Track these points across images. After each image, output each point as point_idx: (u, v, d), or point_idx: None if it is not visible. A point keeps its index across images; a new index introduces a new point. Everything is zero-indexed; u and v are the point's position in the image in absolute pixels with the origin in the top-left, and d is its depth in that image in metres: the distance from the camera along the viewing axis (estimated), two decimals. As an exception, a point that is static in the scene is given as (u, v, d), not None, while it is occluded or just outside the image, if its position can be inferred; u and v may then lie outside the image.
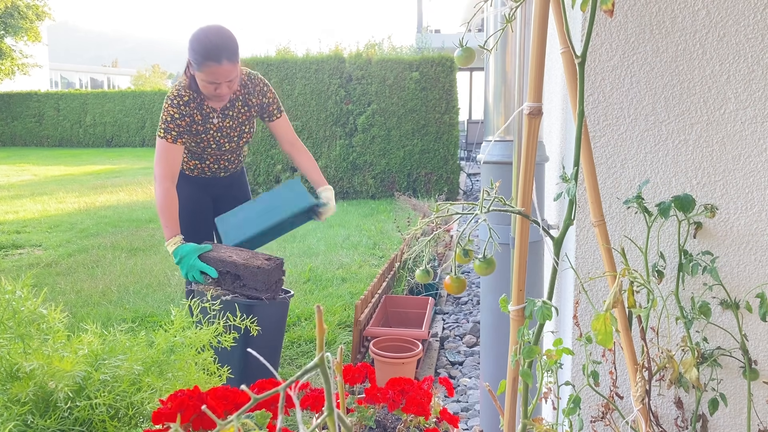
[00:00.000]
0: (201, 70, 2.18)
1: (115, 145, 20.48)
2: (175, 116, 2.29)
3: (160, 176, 2.31)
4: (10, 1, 21.79)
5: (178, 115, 2.29)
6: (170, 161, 2.32)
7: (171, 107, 2.29)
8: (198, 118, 2.34)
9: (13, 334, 1.27)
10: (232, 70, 2.21)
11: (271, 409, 0.93)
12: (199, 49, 2.16)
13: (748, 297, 1.27)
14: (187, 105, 2.30)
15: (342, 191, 8.53)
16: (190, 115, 2.31)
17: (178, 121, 2.29)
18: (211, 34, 2.19)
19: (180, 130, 2.31)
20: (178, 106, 2.29)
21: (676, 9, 1.22)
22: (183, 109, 2.29)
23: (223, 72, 2.18)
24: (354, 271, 4.54)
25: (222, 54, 2.16)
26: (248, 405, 0.55)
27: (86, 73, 47.12)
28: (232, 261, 2.19)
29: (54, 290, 3.99)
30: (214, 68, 2.17)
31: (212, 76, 2.18)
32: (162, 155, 2.31)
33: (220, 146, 2.45)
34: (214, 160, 2.50)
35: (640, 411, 1.12)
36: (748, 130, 1.23)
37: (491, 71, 1.68)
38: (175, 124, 2.29)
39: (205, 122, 2.36)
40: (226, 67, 2.18)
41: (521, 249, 1.05)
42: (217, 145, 2.44)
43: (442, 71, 8.33)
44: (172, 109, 2.29)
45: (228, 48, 2.19)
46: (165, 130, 2.29)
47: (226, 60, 2.17)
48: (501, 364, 1.70)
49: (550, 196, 1.68)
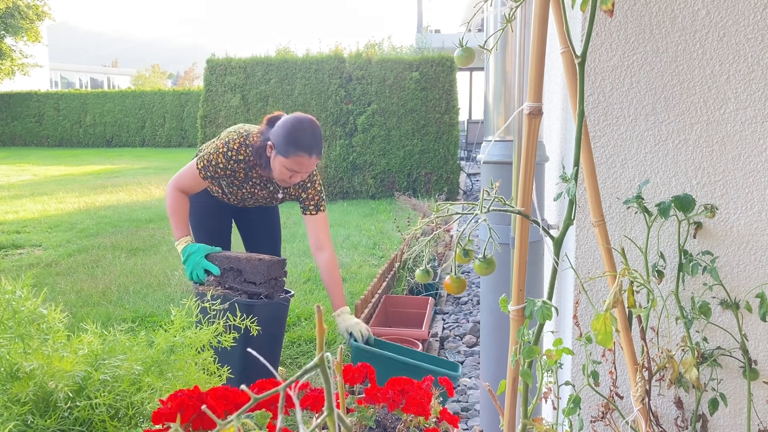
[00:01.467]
0: (288, 157, 2.16)
1: (115, 145, 20.49)
2: (220, 165, 2.28)
3: (174, 187, 2.34)
4: (10, 1, 21.78)
5: (222, 166, 2.28)
6: (191, 187, 2.35)
7: (222, 156, 2.27)
8: (240, 175, 2.33)
9: (13, 334, 1.27)
10: (313, 164, 2.24)
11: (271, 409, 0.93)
12: (293, 138, 2.16)
13: (748, 297, 1.27)
14: (237, 163, 2.28)
15: (342, 191, 8.53)
16: (234, 170, 2.31)
17: (219, 170, 2.29)
18: (311, 126, 2.21)
19: (216, 176, 2.32)
20: (229, 159, 2.27)
21: (676, 9, 1.22)
22: (231, 165, 2.28)
23: (308, 165, 2.20)
24: (354, 271, 4.54)
25: (314, 148, 2.18)
26: (248, 405, 0.55)
27: (86, 73, 47.12)
28: (236, 257, 2.25)
29: (54, 290, 3.99)
30: (304, 160, 2.17)
31: (297, 166, 2.18)
32: (187, 178, 2.33)
33: (244, 200, 2.47)
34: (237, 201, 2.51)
35: (640, 411, 1.12)
36: (748, 130, 1.23)
37: (491, 71, 1.68)
38: (216, 170, 2.29)
39: (244, 181, 2.36)
40: (313, 161, 2.21)
41: (521, 249, 1.05)
42: (242, 199, 2.45)
43: (442, 71, 8.33)
44: (223, 158, 2.27)
45: (320, 143, 2.22)
46: (204, 168, 2.29)
47: (316, 155, 2.20)
48: (501, 364, 1.70)
49: (550, 196, 1.68)
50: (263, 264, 2.20)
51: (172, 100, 20.33)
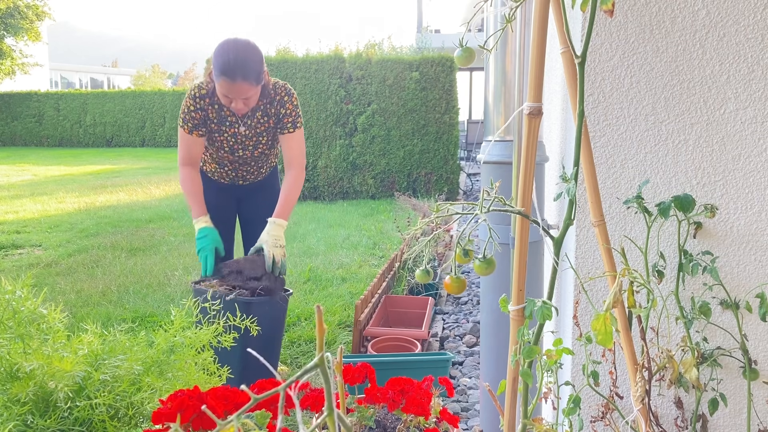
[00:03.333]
0: (217, 82, 2.17)
1: (115, 145, 20.48)
2: (190, 108, 2.30)
3: (180, 162, 2.38)
4: (10, 1, 21.78)
5: (193, 108, 2.30)
6: (189, 149, 2.36)
7: (188, 98, 2.31)
8: (213, 116, 2.33)
9: (13, 334, 1.27)
10: (247, 90, 2.17)
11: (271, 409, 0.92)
12: (217, 62, 2.13)
13: (748, 297, 1.27)
14: (202, 99, 2.29)
15: (342, 191, 8.53)
16: (204, 109, 2.31)
17: (193, 114, 2.30)
18: (233, 49, 2.14)
19: (195, 123, 2.31)
20: (194, 98, 2.30)
21: (676, 9, 1.22)
22: (198, 102, 2.29)
23: (237, 90, 2.15)
24: (354, 271, 4.54)
25: (237, 73, 2.12)
26: (248, 405, 0.55)
27: (86, 73, 47.13)
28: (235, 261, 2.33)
29: (54, 290, 3.99)
30: (228, 84, 2.14)
31: (225, 90, 2.16)
32: (181, 143, 2.37)
33: (233, 151, 2.42)
34: (232, 168, 2.49)
35: (640, 411, 1.12)
36: (748, 130, 1.23)
37: (491, 71, 1.68)
38: (191, 116, 2.30)
39: (220, 123, 2.35)
40: (240, 86, 2.14)
41: (521, 249, 1.05)
42: (231, 149, 2.41)
43: (442, 71, 8.32)
44: (189, 100, 2.31)
45: (247, 67, 2.14)
46: (183, 120, 2.33)
47: (241, 79, 2.13)
48: (501, 364, 1.70)
49: (550, 196, 1.68)
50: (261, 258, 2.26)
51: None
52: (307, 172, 8.45)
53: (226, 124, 2.36)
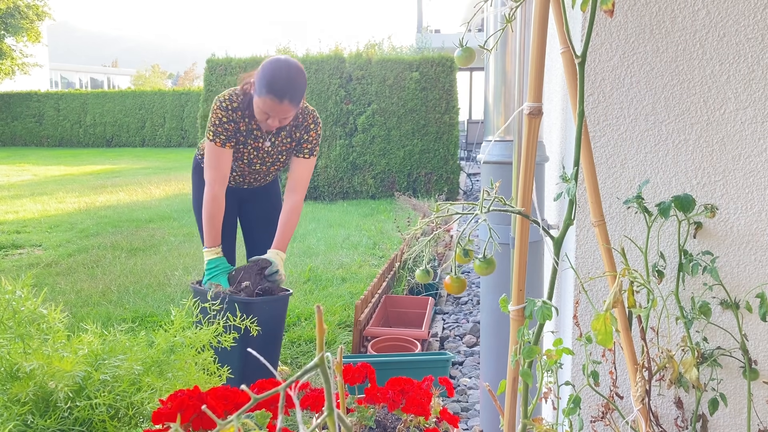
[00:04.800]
0: (260, 97, 2.18)
1: (115, 145, 20.49)
2: (223, 120, 2.27)
3: (211, 180, 2.31)
4: (10, 1, 21.78)
5: (226, 119, 2.27)
6: (221, 165, 2.31)
7: (219, 110, 2.27)
8: (242, 128, 2.32)
9: (13, 334, 1.27)
10: (288, 111, 2.21)
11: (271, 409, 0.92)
12: (267, 79, 2.15)
13: (748, 297, 1.27)
14: (234, 111, 2.28)
15: (342, 191, 8.53)
16: (236, 122, 2.30)
17: (226, 125, 2.28)
18: (285, 69, 2.18)
19: (228, 134, 2.29)
20: (226, 110, 2.27)
21: (676, 9, 1.22)
22: (230, 114, 2.28)
23: (279, 110, 2.18)
24: (354, 271, 4.54)
25: (286, 94, 2.16)
26: (248, 405, 0.55)
27: (86, 73, 47.12)
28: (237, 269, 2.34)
29: (54, 290, 3.99)
30: (273, 104, 2.16)
31: (268, 109, 2.18)
32: (213, 159, 2.30)
33: (252, 164, 2.44)
34: (240, 174, 2.49)
35: (640, 411, 1.12)
36: (748, 130, 1.23)
37: (491, 71, 1.68)
38: (223, 128, 2.28)
39: (247, 136, 2.35)
40: (284, 107, 2.18)
41: (521, 249, 1.05)
42: (249, 162, 2.42)
43: (442, 71, 8.32)
44: (221, 111, 2.27)
45: (295, 90, 2.18)
46: (214, 134, 2.28)
47: (288, 101, 2.17)
48: (501, 364, 1.70)
49: (550, 196, 1.68)
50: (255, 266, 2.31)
51: (172, 100, 20.33)
52: (307, 172, 8.45)
53: (252, 137, 2.36)
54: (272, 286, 2.26)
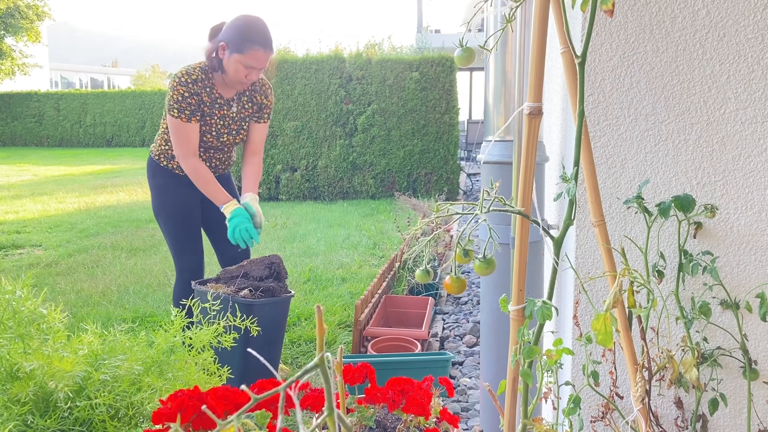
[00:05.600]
0: (244, 52, 2.24)
1: (115, 145, 20.48)
2: (185, 95, 2.30)
3: (183, 156, 2.34)
4: (10, 1, 21.78)
5: (188, 94, 2.30)
6: (189, 139, 2.34)
7: (180, 86, 2.30)
8: (206, 98, 2.36)
9: (13, 334, 1.27)
10: (268, 59, 2.32)
11: (271, 409, 0.92)
12: (248, 33, 2.26)
13: (748, 297, 1.27)
14: (195, 83, 2.32)
15: (342, 191, 8.53)
16: (198, 93, 2.33)
17: (189, 100, 2.31)
18: (260, 22, 2.31)
19: (192, 109, 2.32)
20: (186, 84, 2.30)
21: (676, 9, 1.22)
22: (191, 87, 2.31)
23: (263, 58, 2.29)
24: (354, 271, 4.54)
25: (268, 42, 2.29)
26: (248, 405, 0.55)
27: (86, 73, 47.12)
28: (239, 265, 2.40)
29: (54, 290, 3.99)
30: (259, 53, 2.26)
31: (253, 60, 2.26)
32: (181, 136, 2.32)
33: (219, 136, 2.45)
34: (207, 156, 2.49)
35: (640, 411, 1.12)
36: (748, 130, 1.23)
37: (491, 71, 1.68)
38: (186, 103, 2.30)
39: (212, 106, 2.39)
40: (267, 55, 2.30)
41: (521, 249, 1.05)
42: (218, 134, 2.44)
43: (442, 71, 8.32)
44: (181, 87, 2.30)
45: (271, 38, 2.32)
46: (178, 110, 2.30)
47: (270, 49, 2.30)
48: (501, 364, 1.70)
49: (550, 196, 1.68)
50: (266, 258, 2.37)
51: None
52: (307, 172, 8.46)
53: (217, 106, 2.40)
54: (274, 286, 2.26)
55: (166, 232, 2.50)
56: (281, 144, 8.41)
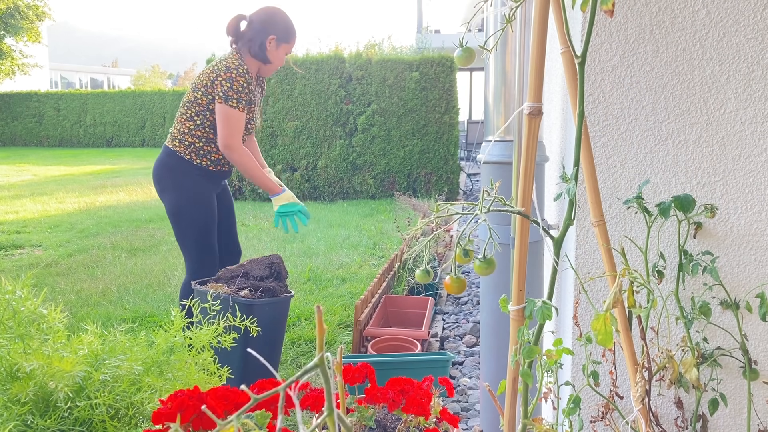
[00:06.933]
0: (289, 42, 2.47)
1: (115, 145, 20.48)
2: (244, 85, 2.38)
3: (235, 146, 2.37)
4: (10, 2, 21.78)
5: (245, 83, 2.38)
6: (240, 130, 2.41)
7: (240, 77, 2.36)
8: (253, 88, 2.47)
9: (13, 334, 1.27)
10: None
11: (271, 409, 0.92)
12: (290, 24, 2.47)
13: (748, 297, 1.27)
14: (247, 73, 2.41)
15: (342, 191, 8.53)
16: (250, 83, 2.43)
17: (246, 89, 2.39)
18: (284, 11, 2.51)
19: (248, 99, 2.41)
20: (244, 75, 2.38)
21: (676, 9, 1.22)
22: (247, 78, 2.40)
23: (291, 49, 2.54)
24: (354, 271, 4.54)
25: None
26: (248, 405, 0.55)
27: (86, 73, 47.11)
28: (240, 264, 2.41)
29: (54, 290, 3.99)
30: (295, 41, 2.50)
31: (288, 51, 2.49)
32: (235, 126, 2.37)
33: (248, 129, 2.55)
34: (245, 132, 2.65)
35: (640, 411, 1.12)
36: (748, 130, 1.23)
37: (491, 71, 1.68)
38: (245, 93, 2.38)
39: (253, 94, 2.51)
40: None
41: (521, 249, 1.05)
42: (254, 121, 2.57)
43: (442, 71, 8.32)
44: (241, 78, 2.36)
45: None
46: (237, 100, 2.35)
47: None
48: (501, 364, 1.70)
49: (550, 196, 1.68)
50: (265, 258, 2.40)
51: (172, 100, 20.32)
52: (307, 172, 8.46)
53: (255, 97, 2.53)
54: (274, 286, 2.27)
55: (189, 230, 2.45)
56: (281, 144, 8.41)
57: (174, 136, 2.46)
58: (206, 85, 2.36)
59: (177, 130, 2.45)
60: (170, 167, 2.46)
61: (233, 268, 2.37)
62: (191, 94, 2.40)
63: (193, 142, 2.43)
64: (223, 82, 2.32)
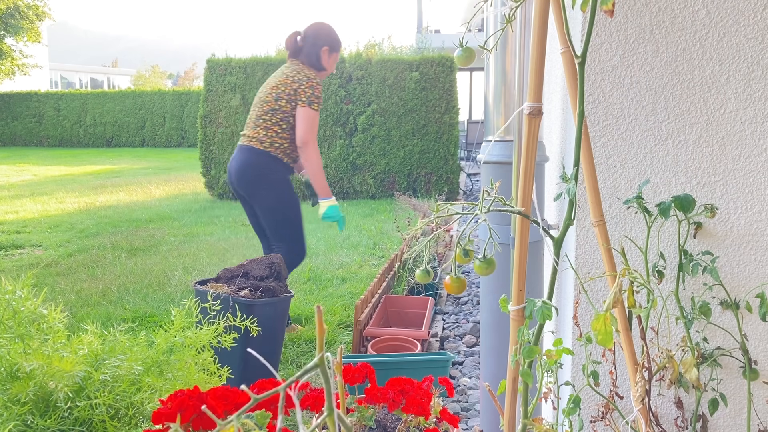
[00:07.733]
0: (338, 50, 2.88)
1: (115, 145, 20.48)
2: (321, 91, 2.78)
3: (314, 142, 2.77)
4: (10, 1, 21.77)
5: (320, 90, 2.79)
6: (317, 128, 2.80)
7: (318, 84, 2.79)
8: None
9: (13, 334, 1.27)
10: None
11: (271, 409, 0.92)
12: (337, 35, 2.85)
13: (748, 297, 1.27)
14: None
15: (342, 191, 8.53)
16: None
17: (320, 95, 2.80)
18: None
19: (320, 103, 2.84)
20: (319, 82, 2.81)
21: (676, 9, 1.22)
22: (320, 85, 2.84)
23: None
24: (354, 271, 4.54)
25: None
26: (248, 405, 0.55)
27: (86, 73, 47.11)
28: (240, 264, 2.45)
29: (54, 290, 3.99)
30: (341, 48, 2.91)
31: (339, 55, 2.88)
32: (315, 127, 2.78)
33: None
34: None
35: (640, 411, 1.12)
36: (748, 130, 1.23)
37: (491, 71, 1.68)
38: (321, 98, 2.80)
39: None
40: None
41: (521, 249, 1.05)
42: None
43: (442, 71, 8.32)
44: (318, 85, 2.79)
45: None
46: (318, 104, 2.79)
47: None
48: (501, 364, 1.70)
49: (550, 196, 1.68)
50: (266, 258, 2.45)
51: (172, 100, 20.32)
52: (307, 172, 8.46)
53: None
54: (274, 286, 2.27)
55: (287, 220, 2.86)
56: (281, 144, 8.40)
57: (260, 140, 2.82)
58: (289, 94, 2.75)
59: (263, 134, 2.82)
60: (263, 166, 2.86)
61: (233, 268, 2.37)
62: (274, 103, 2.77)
63: (282, 143, 2.84)
64: (306, 89, 2.74)
